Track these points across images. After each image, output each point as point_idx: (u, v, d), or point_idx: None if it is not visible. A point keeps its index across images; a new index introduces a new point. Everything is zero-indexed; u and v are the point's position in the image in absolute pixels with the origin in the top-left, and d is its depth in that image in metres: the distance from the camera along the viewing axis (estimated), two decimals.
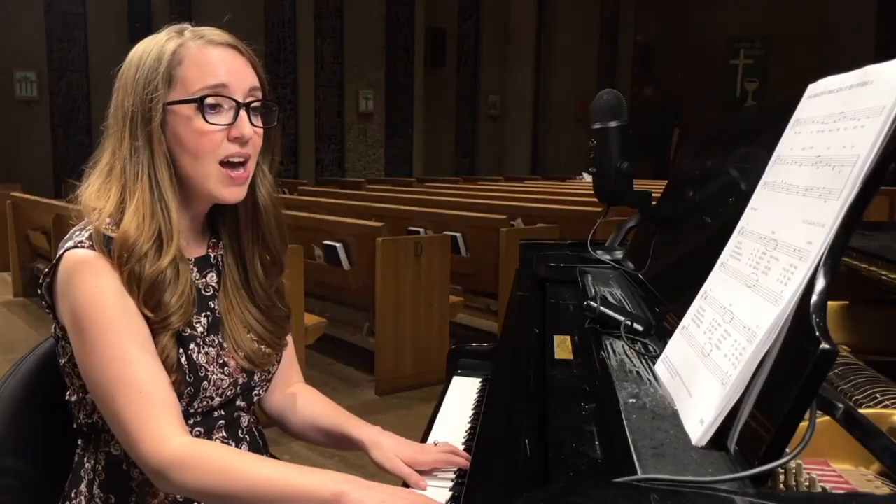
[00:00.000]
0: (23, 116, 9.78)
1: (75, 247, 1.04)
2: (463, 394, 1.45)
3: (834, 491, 0.68)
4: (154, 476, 0.99)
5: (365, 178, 11.16)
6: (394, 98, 12.77)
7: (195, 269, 1.16)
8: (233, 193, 1.10)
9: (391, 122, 12.84)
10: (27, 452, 1.19)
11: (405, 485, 1.10)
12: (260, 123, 1.13)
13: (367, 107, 12.48)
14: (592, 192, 1.69)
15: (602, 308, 1.09)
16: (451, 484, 1.10)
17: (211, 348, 1.12)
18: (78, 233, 1.07)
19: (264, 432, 1.26)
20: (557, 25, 14.45)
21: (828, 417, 0.75)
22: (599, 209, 1.77)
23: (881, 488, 0.71)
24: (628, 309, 1.16)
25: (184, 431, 1.01)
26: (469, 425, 1.30)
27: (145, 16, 10.03)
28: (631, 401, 0.81)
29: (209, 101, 1.06)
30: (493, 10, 13.93)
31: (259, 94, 1.12)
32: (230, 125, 1.08)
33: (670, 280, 1.19)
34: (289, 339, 1.28)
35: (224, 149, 1.08)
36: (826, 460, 0.76)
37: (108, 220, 1.06)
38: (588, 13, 14.71)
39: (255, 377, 1.19)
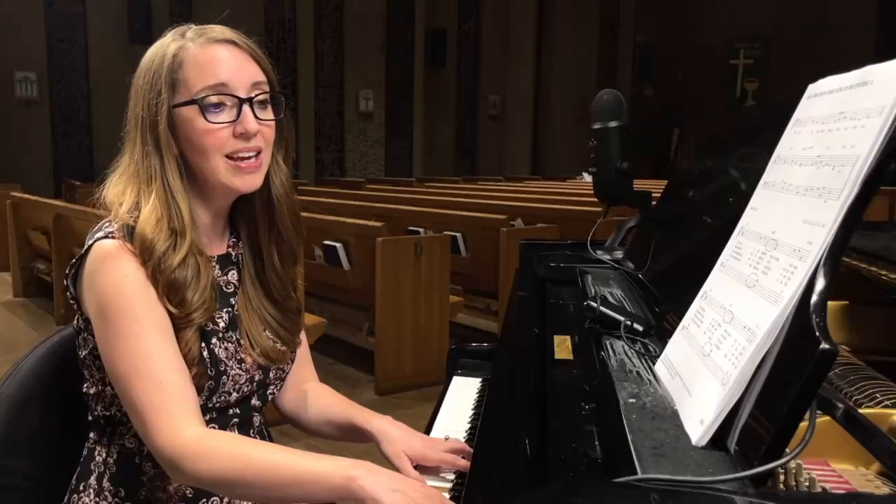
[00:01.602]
0: (23, 116, 9.77)
1: (105, 237, 1.06)
2: (463, 394, 1.45)
3: (834, 491, 0.68)
4: (169, 466, 1.00)
5: (365, 178, 11.16)
6: (394, 98, 12.76)
7: (217, 267, 1.18)
8: (245, 182, 1.11)
9: (391, 122, 12.83)
10: (28, 452, 1.19)
11: None
12: (270, 115, 1.14)
13: (367, 107, 12.48)
14: (592, 192, 1.69)
15: (602, 308, 1.09)
16: (450, 485, 1.10)
17: (230, 343, 1.14)
18: (107, 224, 1.09)
19: (271, 432, 1.28)
20: (557, 26, 14.44)
21: (828, 417, 0.75)
22: (599, 209, 1.77)
23: (881, 488, 0.71)
24: (628, 309, 1.16)
25: (200, 423, 1.02)
26: (469, 425, 1.30)
27: (145, 16, 10.03)
28: (631, 401, 0.81)
29: (211, 100, 1.08)
30: (493, 10, 13.92)
31: (265, 87, 1.13)
32: (233, 122, 1.09)
33: (670, 280, 1.19)
34: (303, 338, 1.30)
35: (230, 145, 1.09)
36: (826, 460, 0.76)
37: (129, 215, 1.08)
38: (588, 13, 14.70)
39: (270, 374, 1.21)
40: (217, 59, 1.09)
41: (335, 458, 0.96)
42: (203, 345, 1.10)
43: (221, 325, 1.14)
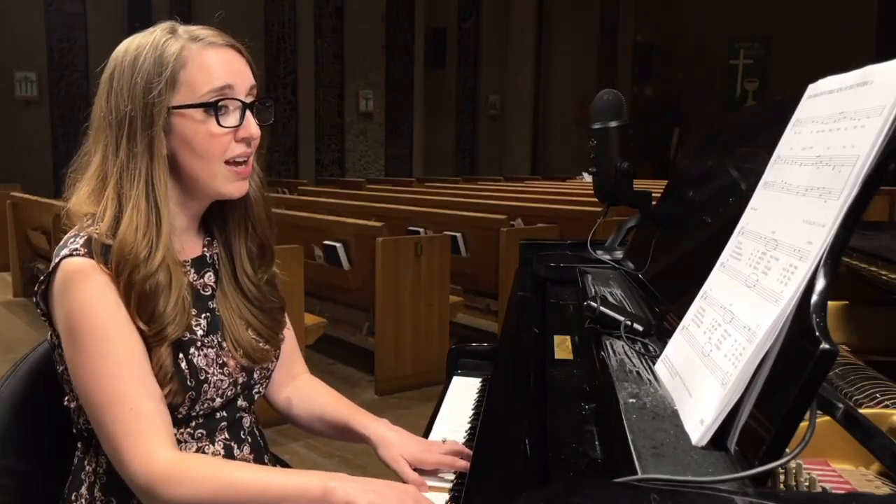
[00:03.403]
0: (23, 116, 9.77)
1: (71, 254, 1.02)
2: (463, 394, 1.44)
3: (834, 491, 0.68)
4: (143, 493, 0.99)
5: (365, 178, 11.15)
6: (394, 98, 12.76)
7: (192, 271, 1.15)
8: (238, 188, 1.11)
9: (391, 122, 12.82)
10: (27, 453, 1.19)
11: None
12: (261, 120, 1.13)
13: (367, 107, 12.47)
14: (592, 192, 1.69)
15: (602, 308, 1.09)
16: (450, 485, 1.10)
17: (210, 349, 1.12)
18: (73, 239, 1.05)
19: (264, 432, 1.26)
20: (557, 25, 14.44)
21: (828, 417, 0.75)
22: (599, 209, 1.77)
23: (881, 488, 0.71)
24: (628, 309, 1.16)
25: (173, 447, 1.01)
26: (469, 425, 1.30)
27: (145, 16, 10.01)
28: (631, 401, 0.81)
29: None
30: (493, 10, 13.92)
31: (255, 92, 1.12)
32: (238, 126, 1.08)
33: (670, 280, 1.19)
34: (288, 332, 1.28)
35: (231, 150, 1.09)
36: (826, 460, 0.76)
37: (104, 228, 1.04)
38: (588, 13, 14.69)
39: (255, 374, 1.19)
40: (223, 62, 1.08)
41: (311, 472, 0.99)
42: (181, 356, 1.07)
43: (199, 332, 1.12)
